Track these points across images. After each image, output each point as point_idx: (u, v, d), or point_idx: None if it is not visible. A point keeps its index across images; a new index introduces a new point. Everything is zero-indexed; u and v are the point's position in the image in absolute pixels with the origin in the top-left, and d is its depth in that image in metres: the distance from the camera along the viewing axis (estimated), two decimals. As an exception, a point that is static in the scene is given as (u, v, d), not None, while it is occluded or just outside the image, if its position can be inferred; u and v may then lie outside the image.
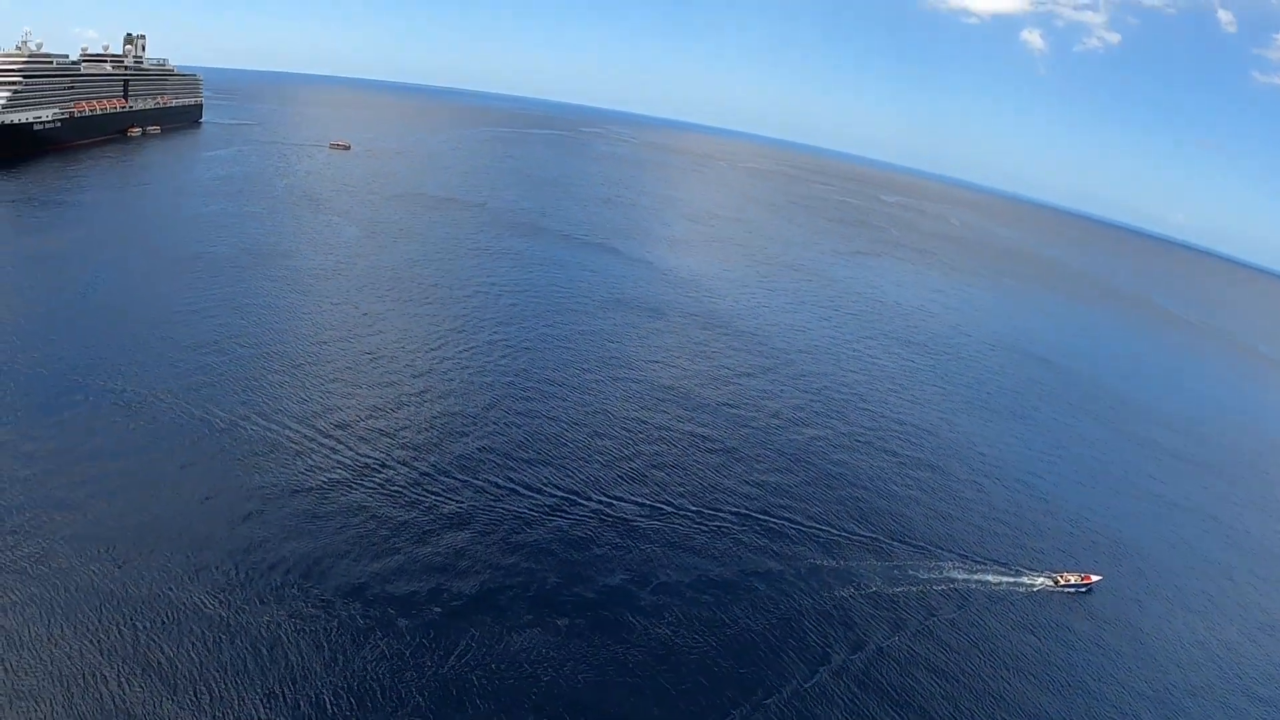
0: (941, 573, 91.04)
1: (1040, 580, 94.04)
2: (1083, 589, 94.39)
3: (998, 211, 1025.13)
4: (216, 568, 71.14)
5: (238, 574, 70.88)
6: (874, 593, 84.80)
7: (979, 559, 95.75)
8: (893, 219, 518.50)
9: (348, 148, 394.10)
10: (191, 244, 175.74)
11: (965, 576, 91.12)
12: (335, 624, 67.08)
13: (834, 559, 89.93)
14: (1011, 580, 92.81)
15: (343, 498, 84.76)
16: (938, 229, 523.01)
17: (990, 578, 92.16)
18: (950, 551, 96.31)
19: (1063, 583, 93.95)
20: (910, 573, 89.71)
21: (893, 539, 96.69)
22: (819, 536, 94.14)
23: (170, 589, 67.75)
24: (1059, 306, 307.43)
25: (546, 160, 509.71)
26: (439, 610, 70.84)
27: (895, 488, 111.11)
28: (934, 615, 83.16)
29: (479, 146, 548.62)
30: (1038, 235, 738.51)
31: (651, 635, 73.07)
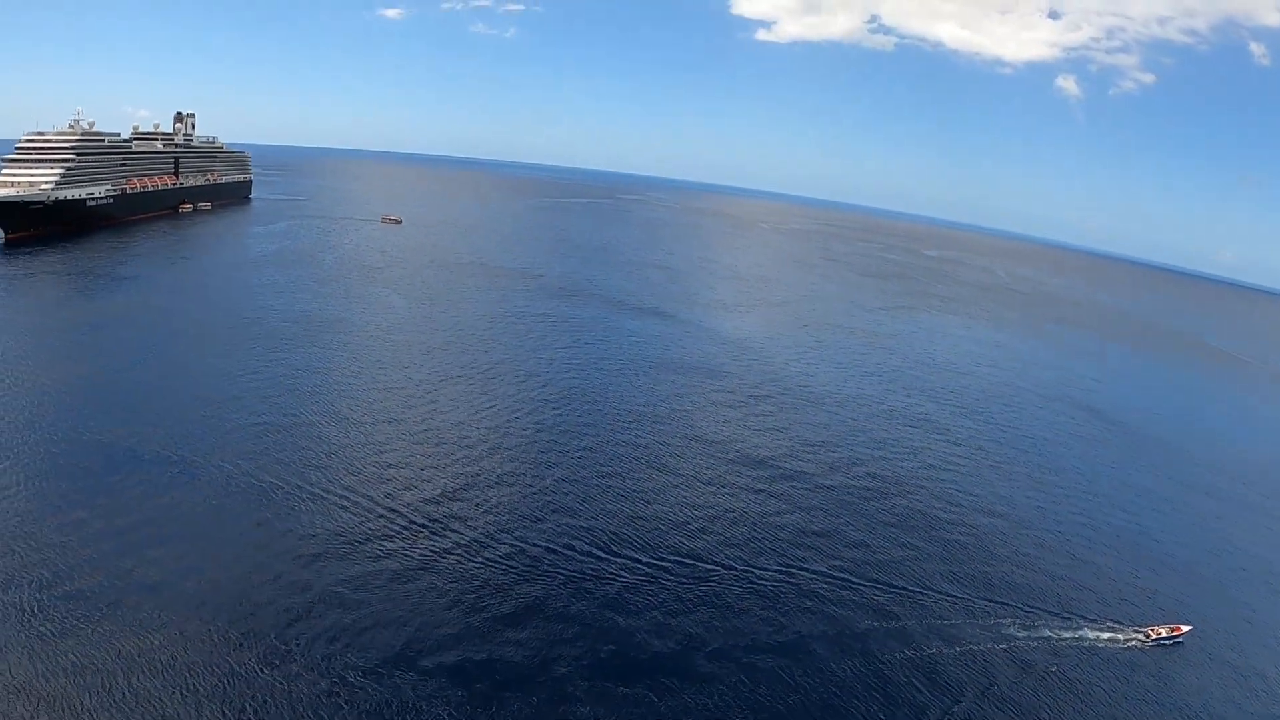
0: (1027, 629, 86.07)
1: (1130, 634, 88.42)
2: (1174, 640, 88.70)
3: (1043, 260, 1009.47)
4: (275, 637, 68.77)
5: (296, 644, 68.39)
6: (961, 650, 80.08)
7: (1064, 614, 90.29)
8: (936, 273, 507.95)
9: (399, 222, 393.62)
10: (244, 316, 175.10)
11: (1054, 633, 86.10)
12: (389, 695, 63.87)
13: (914, 617, 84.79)
14: (1100, 635, 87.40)
15: (402, 569, 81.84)
16: (982, 280, 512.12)
17: (1079, 633, 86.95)
18: (1034, 607, 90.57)
19: (1154, 636, 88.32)
20: (995, 629, 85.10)
21: (975, 595, 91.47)
22: (894, 594, 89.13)
23: (231, 661, 65.57)
24: (1111, 353, 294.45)
25: (588, 228, 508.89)
26: (495, 681, 66.91)
27: (967, 543, 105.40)
28: (1028, 671, 78.13)
29: (523, 216, 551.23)
30: (1084, 282, 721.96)
31: (720, 703, 67.79)
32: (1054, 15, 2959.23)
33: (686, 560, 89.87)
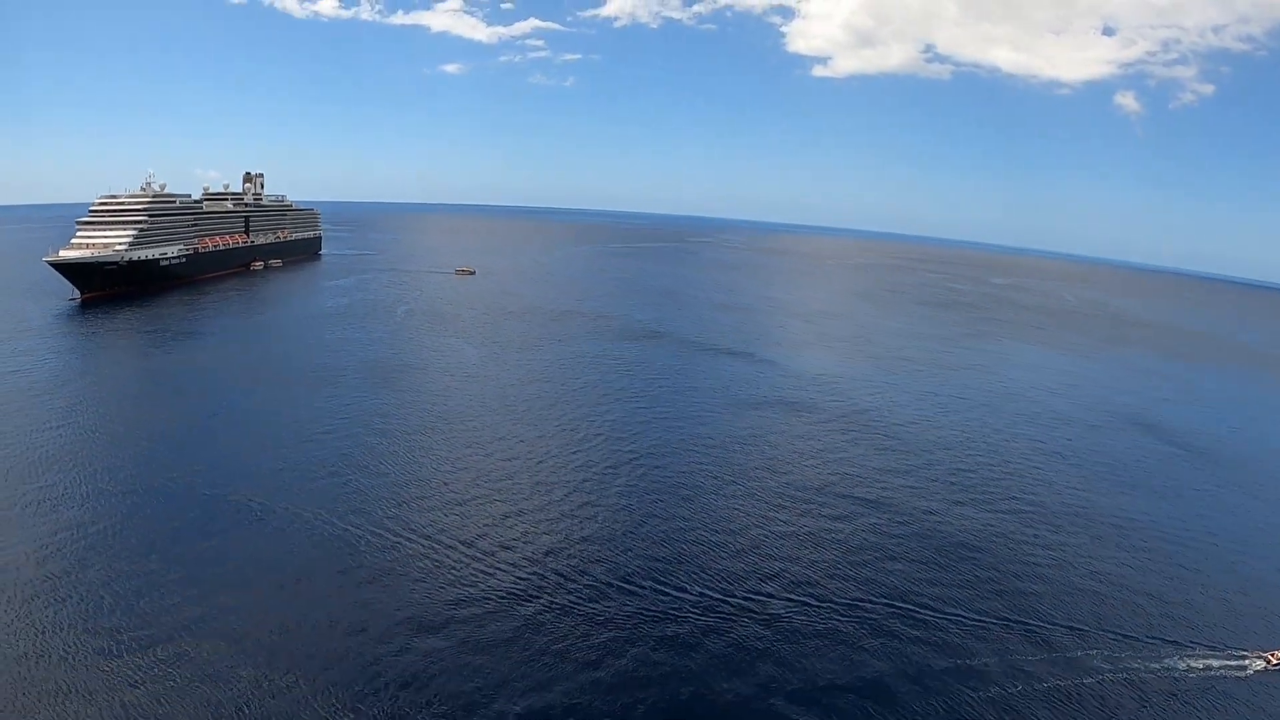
0: (1145, 658, 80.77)
1: (1250, 660, 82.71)
2: None
3: (1112, 282, 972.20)
4: (358, 686, 66.59)
5: (375, 692, 66.09)
6: (1079, 682, 75.21)
7: (1181, 641, 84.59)
8: (1004, 301, 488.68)
9: (472, 273, 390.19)
10: (321, 367, 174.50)
11: (1172, 661, 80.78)
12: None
13: (1028, 651, 79.85)
14: (1219, 662, 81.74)
15: (486, 616, 79.01)
16: (1051, 306, 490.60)
17: (1198, 661, 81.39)
18: (1151, 636, 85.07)
19: (1275, 661, 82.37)
20: (1112, 659, 80.00)
21: (1088, 625, 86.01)
22: (1004, 627, 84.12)
23: (310, 711, 63.37)
24: (1188, 374, 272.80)
25: (658, 271, 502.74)
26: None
27: (1070, 572, 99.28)
28: (1147, 702, 73.16)
29: (593, 263, 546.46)
30: (1154, 302, 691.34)
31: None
32: (1108, 32, 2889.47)
33: (769, 597, 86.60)
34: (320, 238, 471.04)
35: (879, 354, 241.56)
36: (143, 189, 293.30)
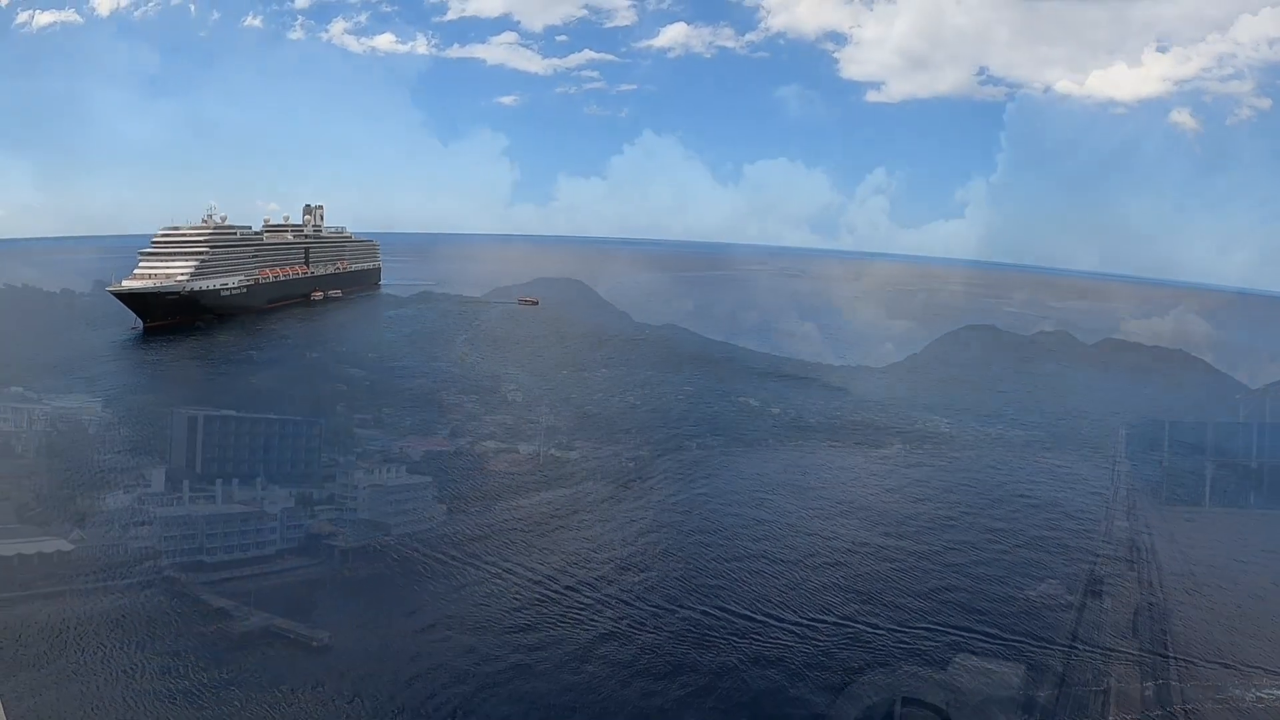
0: (1239, 688, 77.19)
1: None
2: None
3: (1178, 304, 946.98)
4: None
5: None
6: (1164, 712, 73.42)
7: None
8: (1070, 324, 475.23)
9: (536, 303, 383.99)
10: (385, 393, 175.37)
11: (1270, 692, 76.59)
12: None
13: (1125, 679, 78.45)
14: None
15: (570, 648, 78.91)
16: (1115, 329, 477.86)
17: None
18: (1252, 665, 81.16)
19: None
20: (1209, 688, 77.54)
21: (1177, 652, 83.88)
22: (1097, 658, 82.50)
23: None
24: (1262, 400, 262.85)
25: (717, 298, 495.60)
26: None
27: (1154, 595, 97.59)
28: None
29: (655, 289, 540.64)
30: (1223, 323, 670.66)
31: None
32: (1162, 49, 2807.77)
33: (846, 622, 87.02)
34: (380, 269, 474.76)
35: (944, 378, 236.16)
36: (204, 221, 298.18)
